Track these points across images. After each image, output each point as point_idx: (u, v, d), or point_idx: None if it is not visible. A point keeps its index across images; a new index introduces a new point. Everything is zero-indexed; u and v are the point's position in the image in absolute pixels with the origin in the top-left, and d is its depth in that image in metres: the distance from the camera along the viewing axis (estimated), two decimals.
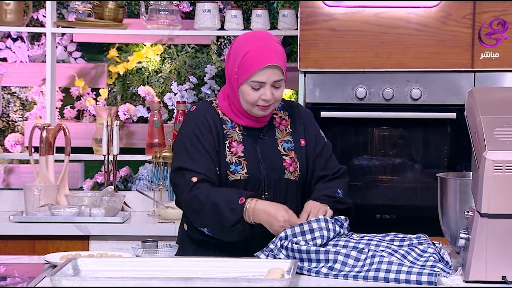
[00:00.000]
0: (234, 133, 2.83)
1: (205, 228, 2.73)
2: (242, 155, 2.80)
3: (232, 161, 2.79)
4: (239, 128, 2.85)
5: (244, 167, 2.79)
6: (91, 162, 4.59)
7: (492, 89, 3.34)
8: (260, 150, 2.83)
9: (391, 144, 3.90)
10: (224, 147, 2.80)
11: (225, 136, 2.82)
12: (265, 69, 2.73)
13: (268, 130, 2.87)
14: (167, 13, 4.25)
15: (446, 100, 3.78)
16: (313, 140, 2.91)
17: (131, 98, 4.68)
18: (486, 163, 2.28)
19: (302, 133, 2.91)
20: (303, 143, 2.89)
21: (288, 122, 2.91)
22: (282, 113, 2.93)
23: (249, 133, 2.85)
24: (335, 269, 2.42)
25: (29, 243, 3.76)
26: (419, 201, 3.82)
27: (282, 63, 2.76)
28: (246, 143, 2.83)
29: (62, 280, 2.21)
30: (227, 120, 2.85)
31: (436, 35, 3.74)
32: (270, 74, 2.74)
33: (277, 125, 2.89)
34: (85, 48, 4.70)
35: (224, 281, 2.21)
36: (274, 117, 2.90)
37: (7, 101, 4.65)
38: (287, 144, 2.87)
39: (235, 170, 2.78)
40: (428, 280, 2.31)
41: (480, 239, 2.32)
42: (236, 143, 2.82)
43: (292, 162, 2.85)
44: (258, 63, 2.73)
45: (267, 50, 2.75)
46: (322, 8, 3.78)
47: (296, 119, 2.93)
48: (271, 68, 2.74)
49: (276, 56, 2.75)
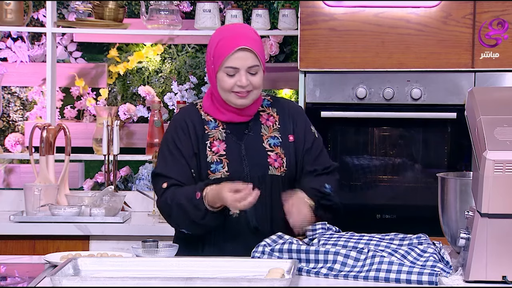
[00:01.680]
0: (216, 132, 2.85)
1: (181, 228, 2.80)
2: (223, 153, 2.82)
3: (213, 160, 2.81)
4: (223, 126, 2.86)
5: (225, 165, 2.80)
6: (92, 162, 4.59)
7: (492, 89, 3.34)
8: (245, 147, 2.84)
9: (392, 144, 3.90)
10: (205, 147, 2.82)
11: (206, 136, 2.84)
12: (238, 53, 2.76)
13: (254, 126, 2.87)
14: (167, 13, 4.26)
15: (446, 100, 3.78)
16: (302, 135, 2.91)
17: (132, 98, 4.68)
18: (487, 163, 2.28)
19: (291, 129, 2.91)
20: (292, 139, 2.89)
21: (276, 119, 2.92)
22: (270, 109, 2.93)
23: (233, 130, 2.86)
24: (334, 269, 2.42)
25: (29, 243, 3.76)
26: (419, 201, 3.82)
27: (256, 48, 2.78)
28: (229, 141, 2.84)
29: (63, 280, 2.21)
30: (210, 120, 2.87)
31: (436, 35, 3.74)
32: (244, 59, 2.77)
33: (263, 121, 2.90)
34: (85, 48, 4.70)
35: (224, 281, 2.21)
36: (261, 114, 2.91)
37: (7, 101, 4.65)
38: (273, 140, 2.87)
39: (215, 169, 2.80)
40: (429, 280, 2.31)
41: (480, 239, 2.32)
42: (218, 141, 2.83)
43: (278, 157, 2.84)
44: (230, 47, 2.76)
45: (239, 35, 2.79)
46: (322, 8, 3.79)
47: (285, 115, 2.93)
48: (243, 52, 2.76)
49: (248, 40, 2.78)
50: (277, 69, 4.60)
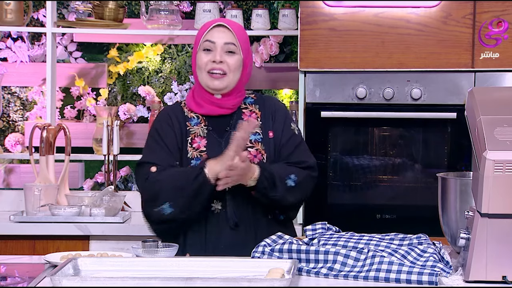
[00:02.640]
0: (198, 128, 2.89)
1: (165, 203, 2.75)
2: (204, 149, 2.85)
3: (193, 156, 2.84)
4: (205, 123, 2.89)
5: None
6: (92, 162, 4.59)
7: (492, 89, 3.34)
8: (225, 143, 2.84)
9: (391, 144, 3.90)
10: (186, 143, 2.86)
11: (188, 132, 2.88)
12: (216, 28, 2.86)
13: (236, 123, 2.88)
14: (167, 13, 4.26)
15: (446, 100, 3.78)
16: (279, 131, 2.92)
17: (132, 98, 4.68)
18: (487, 163, 2.28)
19: (271, 125, 2.93)
20: (271, 135, 2.91)
21: (259, 115, 2.94)
22: (253, 106, 2.96)
23: (215, 127, 2.89)
24: (334, 269, 2.42)
25: (29, 243, 3.76)
26: (419, 201, 3.82)
27: (234, 28, 2.87)
28: (210, 137, 2.87)
29: (63, 280, 2.21)
30: (192, 117, 2.91)
31: (436, 35, 3.75)
32: (221, 35, 2.85)
33: (245, 118, 2.91)
34: (85, 48, 4.70)
35: (224, 281, 2.20)
36: (243, 111, 2.93)
37: (7, 101, 4.65)
38: (254, 136, 2.88)
39: (195, 165, 2.81)
40: (429, 280, 2.31)
41: (480, 239, 2.32)
42: (199, 138, 2.87)
43: (258, 153, 2.86)
44: (209, 25, 2.88)
45: (220, 18, 2.98)
46: (322, 8, 3.79)
47: (266, 111, 2.95)
48: (221, 28, 2.86)
49: (229, 21, 2.90)
50: (277, 69, 4.60)
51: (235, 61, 2.85)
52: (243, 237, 2.79)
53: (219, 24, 2.87)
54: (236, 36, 2.85)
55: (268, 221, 2.86)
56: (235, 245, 2.77)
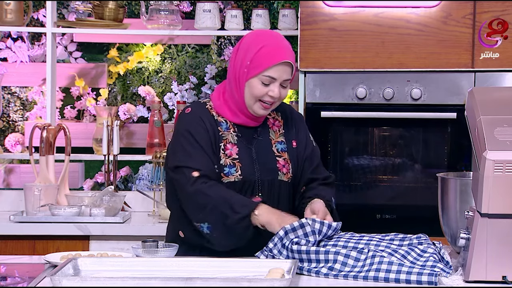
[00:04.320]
0: (228, 134, 2.82)
1: (205, 223, 2.67)
2: (236, 157, 2.79)
3: (226, 164, 2.77)
4: (234, 129, 2.83)
5: (238, 169, 2.77)
6: (92, 162, 4.59)
7: (492, 89, 3.34)
8: (255, 151, 2.82)
9: (392, 144, 3.90)
10: (219, 149, 2.79)
11: (220, 138, 2.80)
12: (279, 65, 2.74)
13: (263, 130, 2.87)
14: (167, 13, 4.25)
15: (446, 100, 3.78)
16: (303, 143, 2.91)
17: (131, 98, 4.68)
18: (487, 163, 2.28)
19: (294, 135, 2.91)
20: (295, 145, 2.90)
21: (281, 123, 2.92)
22: (275, 114, 2.93)
23: (243, 134, 2.84)
24: (335, 269, 2.42)
25: (29, 243, 3.76)
26: (419, 201, 3.82)
27: (293, 62, 2.78)
28: (240, 144, 2.81)
29: (63, 280, 2.21)
30: (221, 122, 2.83)
31: (436, 35, 3.75)
32: (282, 71, 2.75)
33: (270, 125, 2.89)
34: (85, 48, 4.70)
35: (224, 281, 2.21)
36: (267, 118, 2.90)
37: (7, 101, 4.65)
38: (280, 145, 2.86)
39: (229, 173, 2.77)
40: (428, 280, 2.31)
41: (480, 239, 2.32)
42: (231, 145, 2.81)
43: (285, 163, 2.85)
44: (274, 58, 2.73)
45: (283, 47, 2.77)
46: (322, 8, 3.79)
47: (288, 120, 2.93)
48: (284, 66, 2.75)
49: (290, 54, 2.77)
50: None
51: (287, 92, 2.81)
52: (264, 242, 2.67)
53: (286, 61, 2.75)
54: (294, 69, 2.79)
55: None
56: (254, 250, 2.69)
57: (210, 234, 2.69)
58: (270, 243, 2.56)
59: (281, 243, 2.54)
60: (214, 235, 2.69)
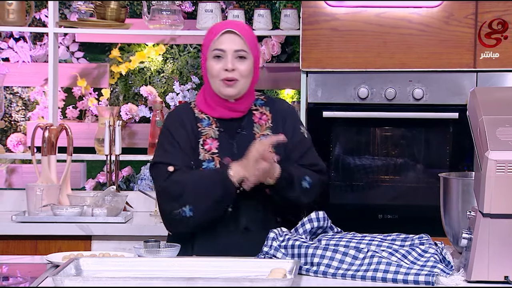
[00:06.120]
0: (210, 130, 2.87)
1: (187, 206, 2.73)
2: (216, 151, 2.83)
3: (205, 158, 2.82)
4: (216, 124, 2.88)
5: (216, 163, 2.81)
6: (93, 162, 4.59)
7: (495, 89, 3.33)
8: (237, 145, 2.84)
9: (393, 144, 3.90)
10: (198, 145, 2.84)
11: (199, 134, 2.86)
12: (224, 35, 2.81)
13: (247, 125, 2.88)
14: (169, 13, 4.26)
15: (448, 100, 3.77)
16: (290, 133, 2.91)
17: (133, 98, 4.68)
18: (489, 163, 2.28)
19: (281, 128, 2.92)
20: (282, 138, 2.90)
21: (269, 117, 2.93)
22: (264, 108, 2.95)
23: (226, 128, 2.87)
24: (332, 266, 2.42)
25: (31, 243, 3.76)
26: (421, 201, 3.82)
27: (244, 34, 2.83)
28: (222, 139, 2.86)
29: (65, 280, 2.21)
30: (203, 118, 2.89)
31: (438, 35, 3.74)
32: (230, 42, 2.81)
33: (256, 120, 2.91)
34: (87, 48, 4.71)
35: (226, 281, 2.21)
36: (254, 113, 2.92)
37: (9, 101, 4.65)
38: (265, 138, 2.86)
39: (207, 167, 2.81)
40: (425, 280, 2.31)
41: (482, 239, 2.32)
42: (211, 139, 2.85)
43: None
44: (217, 30, 2.83)
45: (228, 21, 2.92)
46: (324, 8, 3.79)
47: (277, 114, 2.94)
48: (230, 35, 2.81)
49: (237, 26, 2.85)
50: (279, 69, 4.60)
51: (246, 67, 2.83)
52: (253, 239, 2.75)
53: (228, 30, 2.83)
54: (246, 40, 2.82)
55: (277, 224, 2.84)
56: (244, 247, 2.75)
57: (193, 215, 2.74)
58: (264, 247, 2.55)
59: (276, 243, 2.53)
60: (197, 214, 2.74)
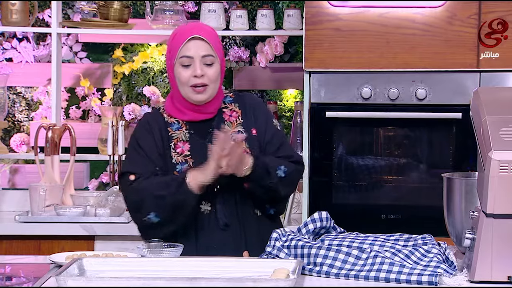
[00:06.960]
0: (180, 133, 2.86)
1: (151, 213, 2.74)
2: (188, 153, 2.83)
3: (178, 161, 2.82)
4: (186, 127, 2.87)
5: (190, 164, 2.81)
6: (97, 162, 4.60)
7: (498, 89, 3.33)
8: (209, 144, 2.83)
9: (396, 144, 3.90)
10: (169, 149, 2.84)
11: (170, 138, 2.85)
12: (191, 41, 2.79)
13: (218, 124, 2.87)
14: (172, 13, 4.26)
15: (452, 100, 3.77)
16: (263, 128, 2.90)
17: (136, 98, 4.68)
18: (492, 163, 2.28)
19: (253, 123, 2.91)
20: (254, 133, 2.89)
21: (239, 113, 2.92)
22: (233, 105, 2.94)
23: (197, 130, 2.87)
24: (335, 266, 2.42)
25: (35, 243, 3.77)
26: (424, 201, 3.82)
27: (210, 38, 2.81)
28: (193, 141, 2.85)
29: (68, 280, 2.21)
30: (173, 122, 2.88)
31: (441, 35, 3.74)
32: (197, 47, 2.80)
33: (226, 118, 2.90)
34: (90, 48, 4.71)
35: (229, 281, 2.21)
36: (223, 111, 2.91)
37: (12, 101, 4.66)
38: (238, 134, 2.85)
39: (181, 170, 2.81)
40: (428, 280, 2.31)
41: (485, 239, 2.32)
42: (182, 142, 2.85)
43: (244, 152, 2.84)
44: (183, 37, 2.81)
45: (192, 27, 2.85)
46: (327, 8, 3.78)
47: (246, 109, 2.93)
48: (197, 41, 2.80)
49: (201, 30, 2.82)
50: (282, 69, 4.60)
51: (215, 71, 2.82)
52: (234, 236, 2.80)
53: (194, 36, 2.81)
54: (212, 45, 2.81)
55: (257, 218, 2.86)
56: (226, 245, 2.78)
57: (160, 220, 2.75)
58: (267, 247, 2.56)
59: (280, 243, 2.53)
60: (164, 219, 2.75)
